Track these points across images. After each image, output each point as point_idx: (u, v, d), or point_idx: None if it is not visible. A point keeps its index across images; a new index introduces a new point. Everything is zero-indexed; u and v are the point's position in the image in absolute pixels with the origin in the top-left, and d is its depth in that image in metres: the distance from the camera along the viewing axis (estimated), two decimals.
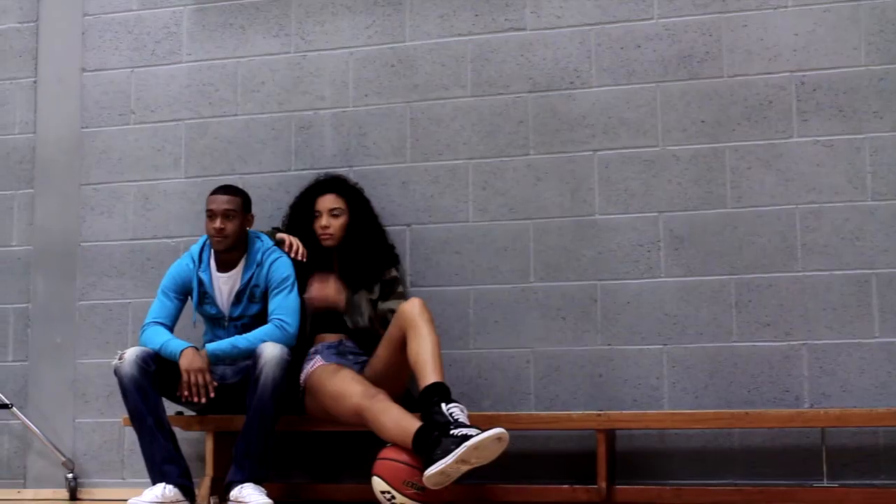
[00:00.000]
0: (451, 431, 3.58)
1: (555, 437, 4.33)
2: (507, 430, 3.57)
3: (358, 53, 4.71)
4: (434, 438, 3.59)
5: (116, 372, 4.14)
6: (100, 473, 4.82)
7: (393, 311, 4.16)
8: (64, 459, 4.76)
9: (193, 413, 4.37)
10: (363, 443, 4.45)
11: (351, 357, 4.27)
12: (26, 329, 4.97)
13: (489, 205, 4.51)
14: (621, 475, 4.17)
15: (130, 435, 4.75)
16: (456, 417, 3.65)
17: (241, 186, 4.46)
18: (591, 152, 4.43)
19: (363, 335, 4.27)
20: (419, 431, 3.65)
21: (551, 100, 4.48)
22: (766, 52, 4.30)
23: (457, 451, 3.51)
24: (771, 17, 4.31)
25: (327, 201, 4.35)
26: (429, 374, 3.83)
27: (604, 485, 4.00)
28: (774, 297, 4.21)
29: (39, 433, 4.77)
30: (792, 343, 4.18)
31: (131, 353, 4.14)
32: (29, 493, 4.86)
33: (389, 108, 4.65)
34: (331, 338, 4.32)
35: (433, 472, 3.54)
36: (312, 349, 4.30)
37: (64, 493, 4.78)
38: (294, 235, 4.39)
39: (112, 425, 4.81)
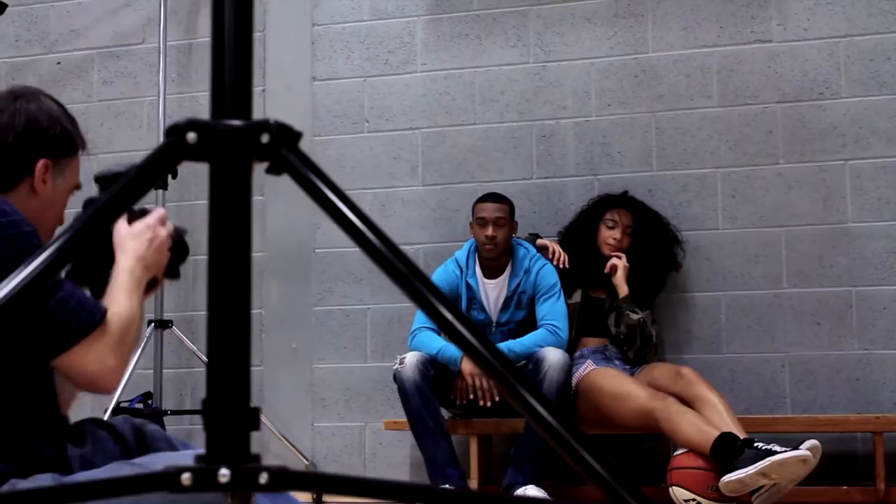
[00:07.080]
0: (756, 444, 3.71)
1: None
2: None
3: (599, 64, 4.80)
4: (737, 447, 3.71)
5: (397, 377, 4.22)
6: None
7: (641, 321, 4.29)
8: (307, 463, 4.82)
9: (452, 416, 4.45)
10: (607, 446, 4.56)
11: (618, 363, 4.36)
12: (260, 334, 5.04)
13: (739, 212, 4.61)
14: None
15: (372, 438, 4.85)
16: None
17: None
18: (842, 161, 4.53)
19: (624, 342, 4.37)
20: (721, 437, 3.76)
21: (800, 110, 4.58)
22: None
23: (759, 463, 3.64)
24: None
25: (625, 217, 4.44)
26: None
27: (882, 486, 4.11)
28: None
29: (281, 437, 4.83)
30: None
31: (412, 358, 4.22)
32: None
33: (633, 118, 4.74)
34: (594, 342, 4.42)
35: (732, 479, 3.68)
36: (578, 353, 4.39)
37: (306, 496, 4.84)
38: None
39: (352, 429, 4.89)
